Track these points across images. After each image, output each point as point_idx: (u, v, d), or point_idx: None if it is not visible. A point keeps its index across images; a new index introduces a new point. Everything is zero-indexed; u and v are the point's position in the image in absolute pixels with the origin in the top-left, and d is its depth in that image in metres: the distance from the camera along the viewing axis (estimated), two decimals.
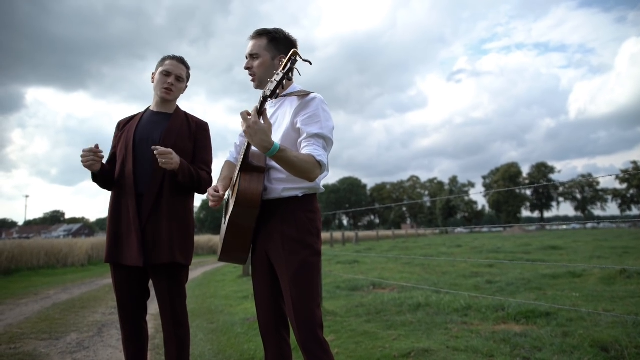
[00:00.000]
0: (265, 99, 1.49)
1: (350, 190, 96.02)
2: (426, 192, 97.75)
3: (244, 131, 1.50)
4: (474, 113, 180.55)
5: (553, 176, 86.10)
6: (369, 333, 3.67)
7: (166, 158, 1.98)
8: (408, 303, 4.79)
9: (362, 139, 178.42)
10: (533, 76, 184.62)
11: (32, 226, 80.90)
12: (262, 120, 1.50)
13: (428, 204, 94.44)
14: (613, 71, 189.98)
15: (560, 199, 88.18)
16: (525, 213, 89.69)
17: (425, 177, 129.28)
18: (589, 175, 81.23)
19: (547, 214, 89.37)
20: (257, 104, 1.52)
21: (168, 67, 2.20)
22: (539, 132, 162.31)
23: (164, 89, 2.19)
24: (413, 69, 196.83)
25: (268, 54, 1.82)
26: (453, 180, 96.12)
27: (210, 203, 1.79)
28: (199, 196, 2.30)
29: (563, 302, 4.67)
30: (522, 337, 3.32)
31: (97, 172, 2.10)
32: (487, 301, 4.51)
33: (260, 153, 1.66)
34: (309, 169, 1.58)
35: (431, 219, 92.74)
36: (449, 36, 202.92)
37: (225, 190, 1.88)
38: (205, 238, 22.72)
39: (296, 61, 1.47)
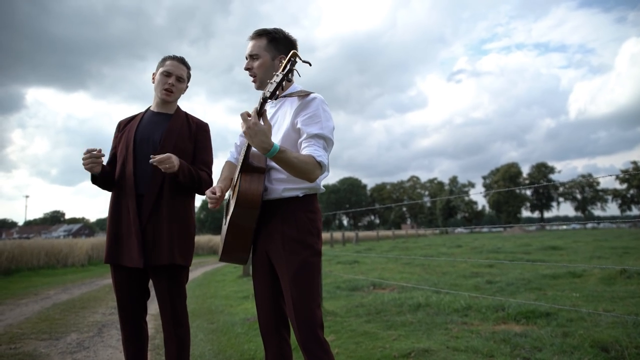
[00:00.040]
0: (264, 100, 1.49)
1: (350, 190, 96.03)
2: (426, 192, 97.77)
3: (244, 132, 1.50)
4: (474, 113, 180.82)
5: (553, 176, 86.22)
6: (369, 333, 3.67)
7: (166, 164, 1.98)
8: (408, 303, 4.79)
9: (362, 139, 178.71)
10: (533, 76, 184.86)
11: (32, 226, 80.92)
12: (262, 121, 1.50)
13: (428, 204, 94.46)
14: (613, 71, 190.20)
15: (560, 199, 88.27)
16: (525, 213, 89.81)
17: (425, 177, 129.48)
18: (589, 175, 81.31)
19: (547, 214, 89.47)
20: (257, 105, 1.52)
21: (169, 68, 2.19)
22: (539, 132, 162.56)
23: (165, 90, 2.19)
24: (413, 69, 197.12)
25: (268, 55, 1.82)
26: (453, 180, 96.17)
27: (209, 205, 1.80)
28: (199, 197, 2.30)
29: (563, 302, 4.67)
30: (522, 337, 3.32)
31: (97, 174, 2.10)
32: (487, 301, 4.51)
33: (260, 154, 1.66)
34: (309, 170, 1.58)
35: (431, 219, 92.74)
36: (449, 36, 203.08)
37: (225, 190, 1.88)
38: (205, 238, 22.73)
39: (295, 62, 1.47)
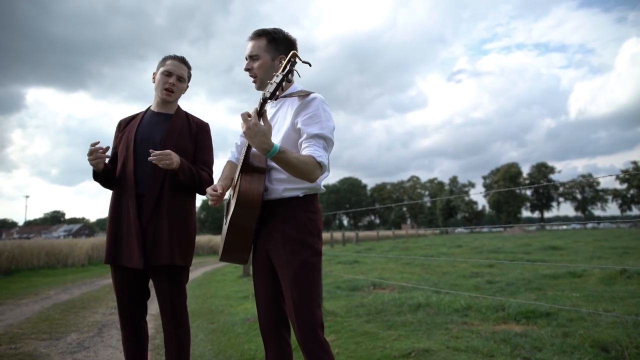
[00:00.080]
0: (264, 101, 1.49)
1: (350, 190, 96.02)
2: (426, 192, 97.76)
3: (244, 132, 1.50)
4: (474, 113, 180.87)
5: (553, 176, 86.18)
6: (369, 333, 3.67)
7: (165, 160, 1.98)
8: (408, 303, 4.79)
9: (362, 139, 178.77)
10: (533, 76, 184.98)
11: (33, 226, 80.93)
12: (262, 121, 1.50)
13: (428, 204, 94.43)
14: (613, 71, 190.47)
15: (560, 199, 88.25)
16: (525, 213, 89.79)
17: (425, 177, 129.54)
18: (589, 175, 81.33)
19: (547, 214, 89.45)
20: (257, 106, 1.52)
21: (169, 67, 2.19)
22: (539, 132, 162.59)
23: (165, 90, 2.18)
24: (413, 69, 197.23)
25: (268, 55, 1.82)
26: (453, 180, 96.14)
27: (209, 202, 1.80)
28: (199, 197, 2.30)
29: (563, 302, 4.67)
30: (523, 337, 3.32)
31: (100, 171, 2.10)
32: (488, 301, 4.51)
33: (261, 154, 1.66)
34: (309, 170, 1.58)
35: (431, 219, 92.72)
36: (449, 36, 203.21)
37: (226, 189, 1.88)
38: (205, 238, 22.72)
39: (295, 63, 1.48)
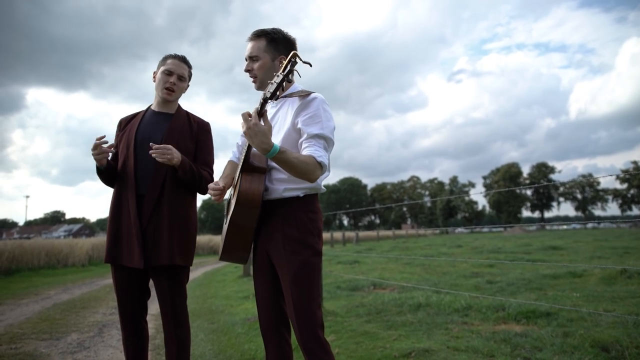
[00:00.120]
0: (265, 101, 1.49)
1: (350, 190, 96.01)
2: (426, 192, 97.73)
3: (244, 132, 1.50)
4: (475, 113, 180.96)
5: (553, 176, 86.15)
6: (370, 333, 3.67)
7: (167, 155, 1.98)
8: (408, 303, 4.79)
9: (363, 139, 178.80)
10: (533, 76, 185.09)
11: (33, 226, 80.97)
12: (263, 121, 1.50)
13: (428, 204, 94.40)
14: (613, 71, 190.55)
15: (560, 199, 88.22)
16: (525, 213, 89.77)
17: (425, 177, 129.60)
18: (590, 175, 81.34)
19: (548, 214, 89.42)
20: (258, 106, 1.52)
21: (170, 67, 2.18)
22: (540, 132, 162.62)
23: (166, 89, 2.18)
24: (413, 69, 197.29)
25: (268, 56, 1.82)
26: (453, 180, 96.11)
27: (212, 197, 1.80)
28: (200, 197, 2.30)
29: (563, 302, 4.67)
30: (523, 337, 3.32)
31: (103, 167, 2.10)
32: (488, 301, 4.51)
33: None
34: (310, 170, 1.58)
35: (431, 219, 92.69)
36: (450, 36, 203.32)
37: (227, 186, 1.88)
38: (205, 238, 22.72)
39: (296, 63, 1.48)
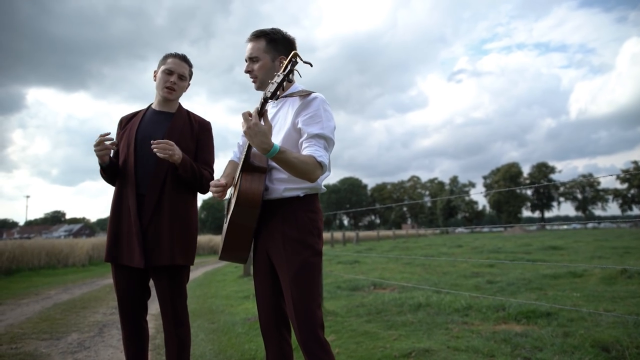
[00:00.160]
0: (265, 101, 1.49)
1: (350, 190, 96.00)
2: (427, 192, 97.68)
3: (244, 132, 1.51)
4: (475, 113, 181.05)
5: (554, 176, 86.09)
6: (370, 333, 3.67)
7: (168, 150, 1.97)
8: (409, 303, 4.79)
9: (363, 139, 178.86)
10: (534, 76, 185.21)
11: (33, 226, 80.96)
12: (263, 121, 1.50)
13: (429, 204, 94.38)
14: (614, 71, 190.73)
15: (560, 199, 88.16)
16: (525, 213, 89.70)
17: (425, 177, 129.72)
18: (590, 175, 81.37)
19: (548, 214, 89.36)
20: (258, 105, 1.52)
21: (170, 66, 2.17)
22: (540, 132, 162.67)
23: (166, 88, 2.17)
24: (413, 69, 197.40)
25: (268, 56, 1.81)
26: (454, 180, 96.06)
27: (215, 195, 1.80)
28: (200, 197, 2.30)
29: (564, 302, 4.67)
30: (523, 337, 3.32)
31: (106, 165, 2.10)
32: (488, 301, 4.51)
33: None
34: (310, 170, 1.58)
35: (432, 219, 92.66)
36: (450, 36, 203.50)
37: (229, 184, 1.88)
38: (206, 238, 22.71)
39: (296, 63, 1.47)
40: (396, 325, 3.96)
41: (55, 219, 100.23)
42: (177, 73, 2.19)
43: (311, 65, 1.58)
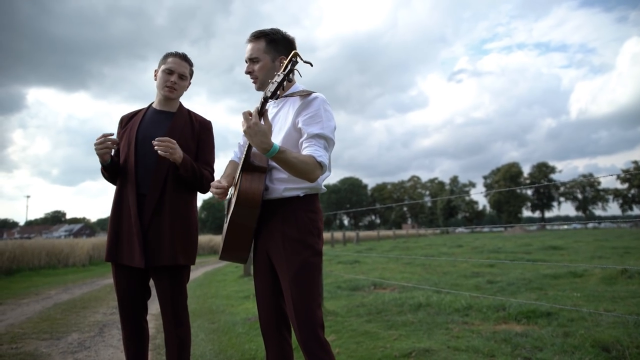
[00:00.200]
0: (265, 100, 1.49)
1: (351, 190, 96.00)
2: (427, 192, 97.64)
3: (244, 131, 1.50)
4: (475, 113, 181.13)
5: (554, 176, 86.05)
6: (370, 333, 3.67)
7: (169, 147, 1.97)
8: (409, 303, 4.78)
9: (363, 139, 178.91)
10: (534, 76, 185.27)
11: (33, 226, 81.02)
12: (263, 121, 1.50)
13: (429, 204, 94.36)
14: (614, 71, 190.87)
15: (561, 199, 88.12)
16: (526, 213, 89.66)
17: (426, 177, 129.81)
18: (590, 175, 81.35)
19: (548, 214, 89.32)
20: (258, 105, 1.52)
21: (170, 65, 2.17)
22: (540, 132, 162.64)
23: (167, 87, 2.17)
24: (414, 69, 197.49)
25: (268, 56, 1.81)
26: (454, 180, 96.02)
27: (215, 196, 1.80)
28: (201, 197, 2.30)
29: (564, 302, 4.67)
30: (523, 337, 3.32)
31: (107, 163, 2.10)
32: (488, 301, 4.51)
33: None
34: (309, 170, 1.58)
35: (432, 219, 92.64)
36: (450, 36, 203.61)
37: (229, 185, 1.88)
38: (206, 238, 22.72)
39: (297, 62, 1.47)
40: (396, 325, 3.96)
41: (55, 219, 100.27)
42: (178, 73, 2.18)
43: (311, 64, 1.58)
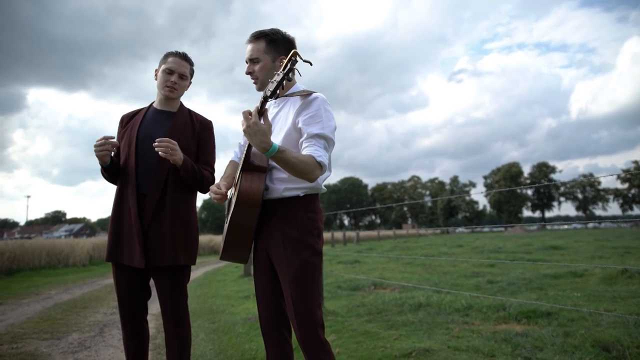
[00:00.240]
0: (265, 100, 1.49)
1: (351, 190, 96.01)
2: (427, 192, 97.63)
3: (244, 131, 1.50)
4: (475, 113, 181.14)
5: (554, 176, 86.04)
6: (370, 333, 3.67)
7: (169, 148, 1.97)
8: (409, 303, 4.78)
9: (363, 139, 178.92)
10: (534, 76, 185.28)
11: (34, 226, 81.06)
12: (263, 120, 1.50)
13: (429, 204, 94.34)
14: (614, 71, 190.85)
15: (561, 199, 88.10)
16: (526, 213, 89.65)
17: (426, 177, 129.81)
18: (590, 175, 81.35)
19: (548, 214, 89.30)
20: (258, 104, 1.52)
21: (171, 65, 2.16)
22: (540, 132, 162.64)
23: (167, 87, 2.16)
24: (414, 69, 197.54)
25: (268, 57, 1.81)
26: (454, 180, 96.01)
27: (214, 200, 1.80)
28: (201, 197, 2.30)
29: (564, 302, 4.67)
30: (524, 337, 3.32)
31: (107, 165, 2.09)
32: (488, 301, 4.51)
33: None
34: (309, 170, 1.58)
35: (432, 219, 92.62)
36: (450, 36, 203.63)
37: (228, 187, 1.88)
38: (206, 238, 22.74)
39: (296, 62, 1.47)
40: (397, 325, 3.96)
41: (55, 219, 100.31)
42: (178, 72, 2.18)
43: (311, 64, 1.58)
